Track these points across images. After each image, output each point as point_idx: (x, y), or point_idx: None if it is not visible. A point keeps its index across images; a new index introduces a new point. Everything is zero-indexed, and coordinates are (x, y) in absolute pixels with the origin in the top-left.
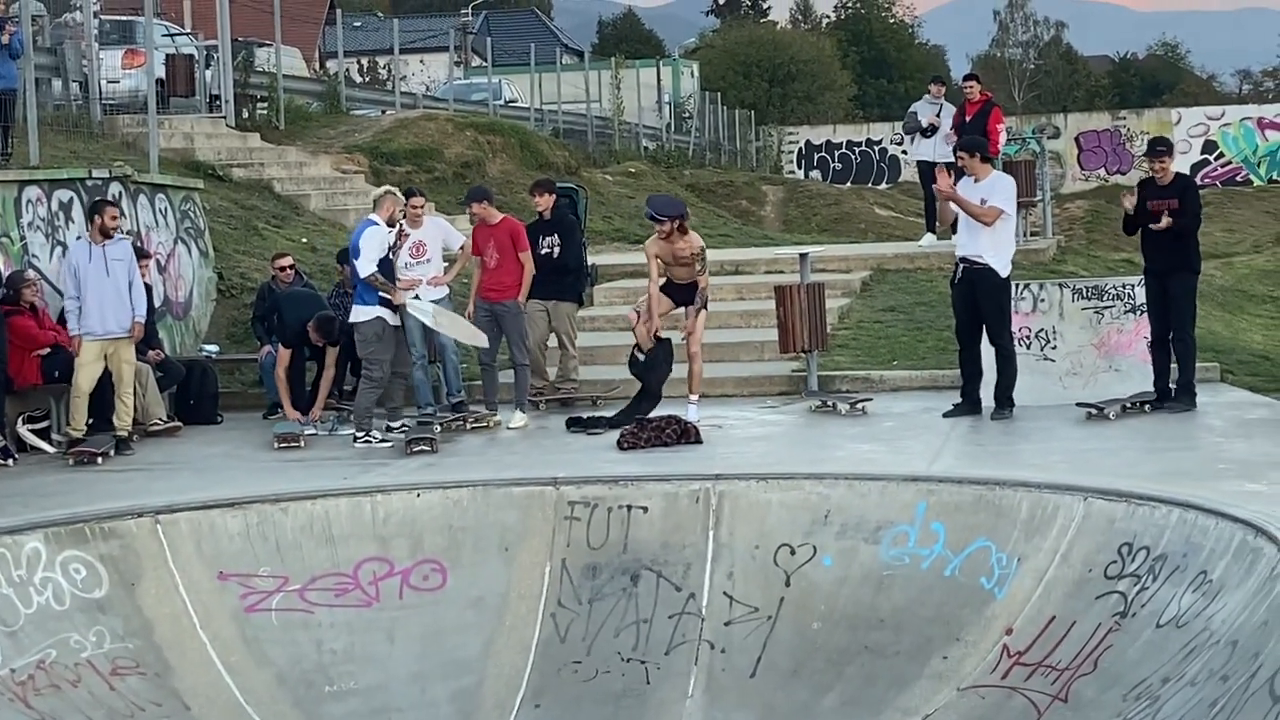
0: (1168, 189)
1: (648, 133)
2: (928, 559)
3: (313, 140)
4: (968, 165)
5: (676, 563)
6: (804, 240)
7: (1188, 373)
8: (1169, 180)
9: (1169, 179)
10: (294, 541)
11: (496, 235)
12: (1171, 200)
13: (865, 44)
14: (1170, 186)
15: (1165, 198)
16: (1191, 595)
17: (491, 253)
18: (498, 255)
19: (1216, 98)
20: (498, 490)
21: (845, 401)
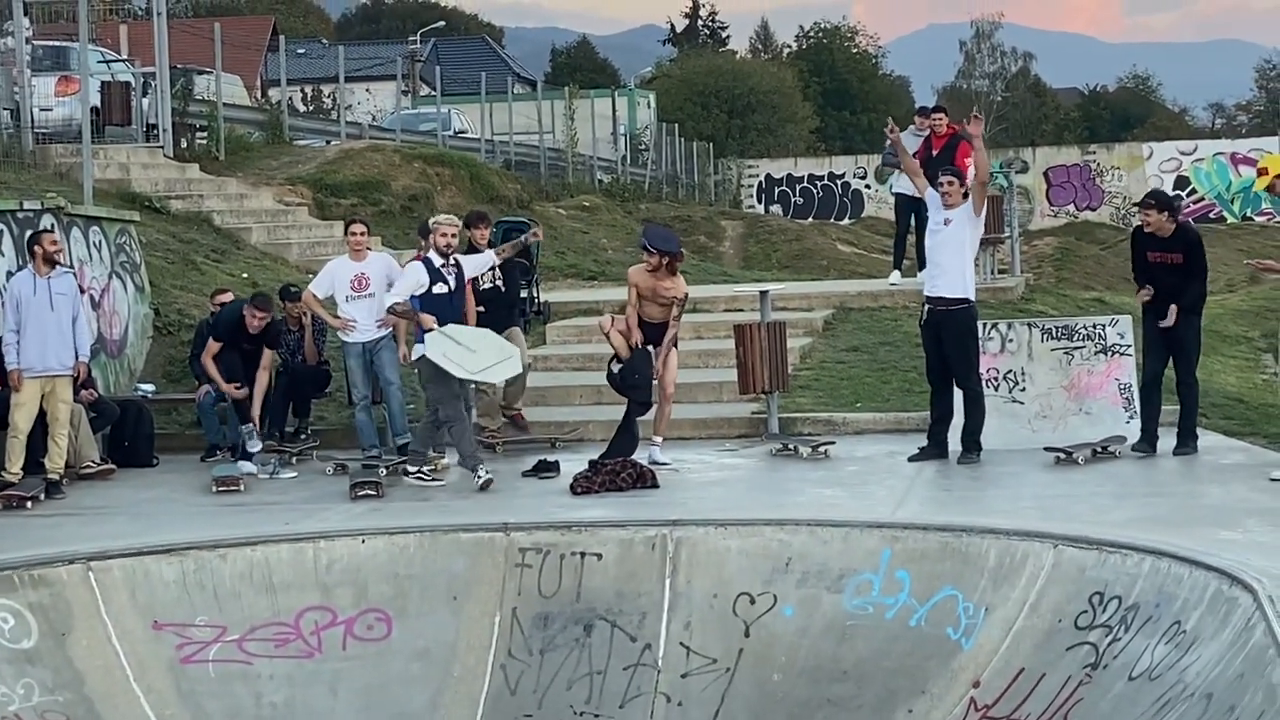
0: (1169, 241)
1: (602, 165)
2: (892, 608)
3: (254, 171)
4: (952, 191)
5: (632, 612)
6: (764, 277)
7: (1191, 418)
8: (1169, 233)
9: (1168, 232)
10: (232, 590)
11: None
12: (1175, 255)
13: (827, 75)
14: (1173, 239)
15: (1167, 250)
16: (1165, 647)
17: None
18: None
19: (1189, 132)
20: (445, 536)
21: (807, 444)
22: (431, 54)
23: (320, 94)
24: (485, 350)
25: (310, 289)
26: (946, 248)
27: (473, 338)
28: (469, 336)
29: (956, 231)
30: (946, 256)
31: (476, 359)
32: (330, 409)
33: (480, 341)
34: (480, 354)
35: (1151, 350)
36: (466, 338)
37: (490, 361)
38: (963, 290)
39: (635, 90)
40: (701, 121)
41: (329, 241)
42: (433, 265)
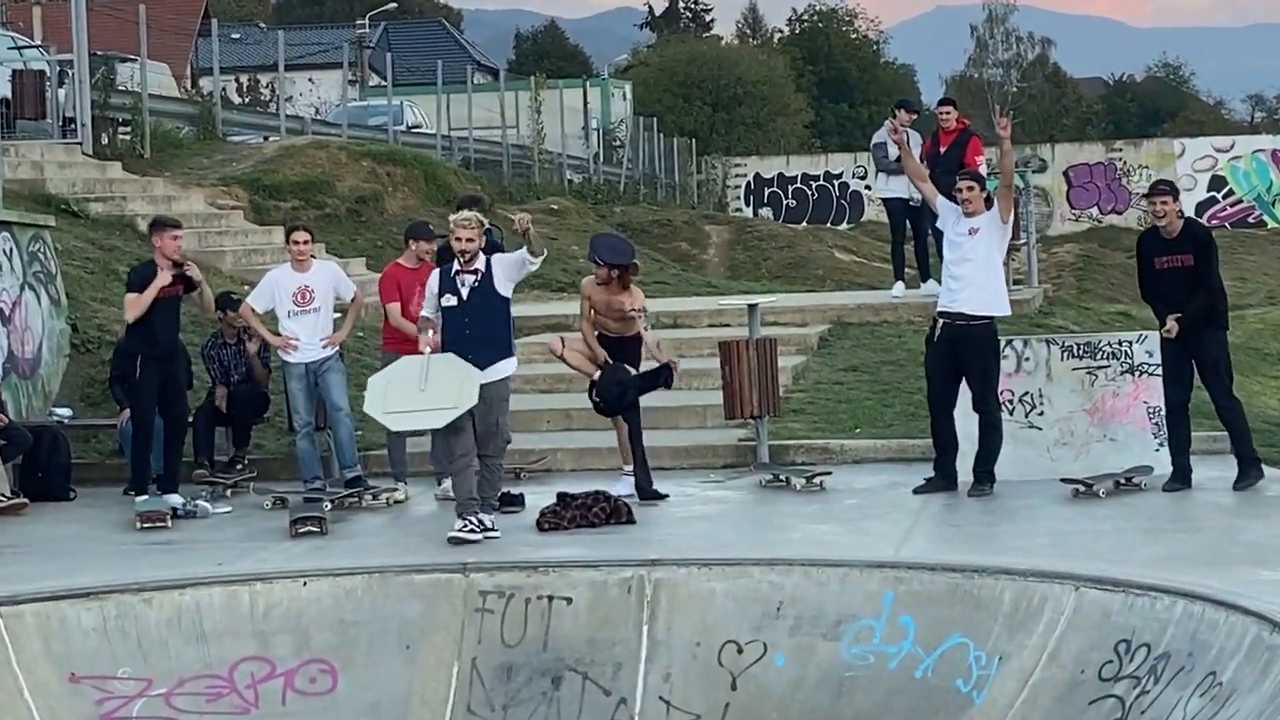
0: (1177, 242)
1: (572, 164)
2: (895, 658)
3: (183, 171)
4: (973, 199)
5: (605, 662)
6: (753, 289)
7: (1243, 443)
8: (1177, 231)
9: (1176, 229)
10: (159, 638)
11: (424, 279)
12: (1185, 256)
13: (823, 63)
14: (1181, 239)
15: (1175, 252)
16: (1199, 700)
17: (419, 298)
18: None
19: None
20: (397, 578)
21: (800, 475)
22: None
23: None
24: (437, 389)
25: (249, 302)
26: (972, 261)
27: (436, 371)
28: (434, 369)
29: (983, 242)
30: (972, 270)
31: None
32: (268, 436)
33: (440, 376)
34: (426, 395)
35: (1172, 377)
36: (431, 371)
37: (420, 407)
38: (996, 307)
39: (609, 80)
40: (683, 115)
41: (267, 249)
42: (447, 273)
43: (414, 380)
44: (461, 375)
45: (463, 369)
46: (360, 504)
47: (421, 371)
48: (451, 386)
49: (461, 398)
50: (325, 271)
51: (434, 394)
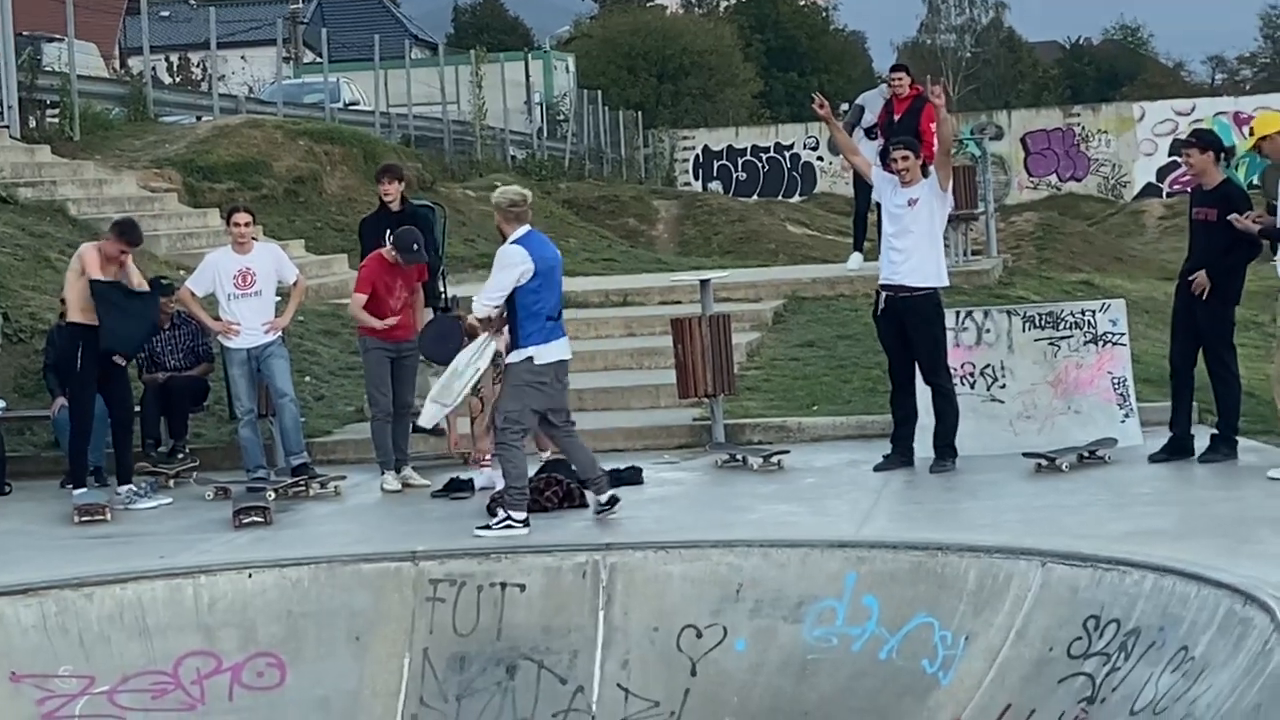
0: (1210, 195)
1: (516, 139)
2: (859, 639)
3: (114, 153)
4: (910, 168)
5: (561, 650)
6: (704, 264)
7: (1227, 416)
8: (1214, 183)
9: (1213, 181)
10: (101, 634)
11: (405, 274)
12: (1210, 210)
13: (771, 31)
14: (1214, 192)
15: (1205, 204)
16: (1171, 675)
17: (400, 292)
18: (406, 294)
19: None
20: (345, 568)
21: (757, 455)
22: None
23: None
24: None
25: (187, 285)
26: (913, 232)
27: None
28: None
29: (924, 213)
30: (913, 241)
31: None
32: (209, 425)
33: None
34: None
35: (1175, 334)
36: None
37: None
38: (935, 279)
39: (551, 53)
40: (628, 87)
41: (202, 232)
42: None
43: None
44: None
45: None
46: (307, 493)
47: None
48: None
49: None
50: (267, 254)
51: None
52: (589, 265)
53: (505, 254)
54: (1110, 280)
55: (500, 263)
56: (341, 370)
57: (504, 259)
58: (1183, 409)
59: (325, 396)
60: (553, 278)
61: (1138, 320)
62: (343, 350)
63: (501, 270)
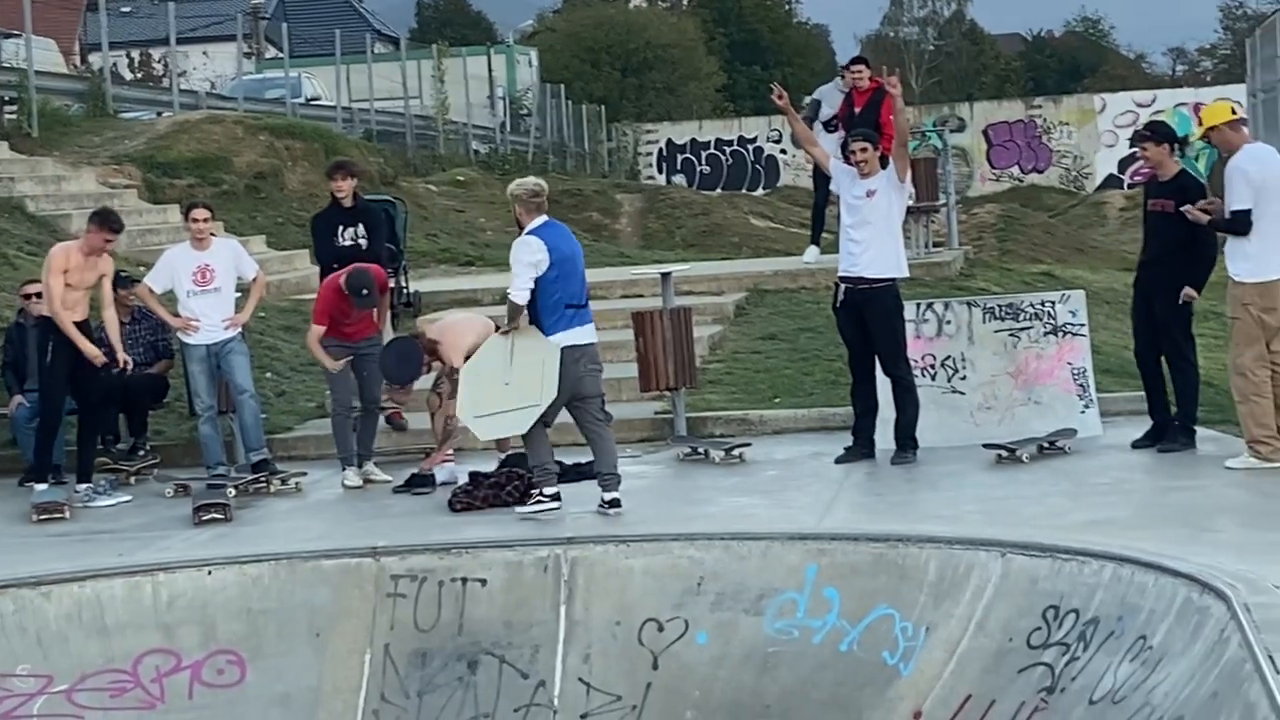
0: (1167, 186)
1: (479, 134)
2: (820, 632)
3: (74, 149)
4: (868, 160)
5: (522, 645)
6: (666, 257)
7: (1186, 407)
8: (1171, 174)
9: (1170, 172)
10: (58, 633)
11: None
12: (1167, 201)
13: (734, 24)
14: (1170, 183)
15: (1161, 195)
16: (1130, 665)
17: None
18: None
19: (1146, 81)
20: (305, 564)
21: (719, 448)
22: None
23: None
24: (520, 379)
25: (146, 282)
26: (872, 224)
27: (520, 354)
28: (519, 351)
29: (882, 204)
30: (872, 233)
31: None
32: (168, 422)
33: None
34: (510, 390)
35: (1137, 326)
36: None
37: (505, 406)
38: (894, 269)
39: (514, 47)
40: (591, 81)
41: (162, 228)
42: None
43: (500, 369)
44: (543, 357)
45: (542, 346)
46: (267, 489)
47: (508, 356)
48: (533, 374)
49: (544, 390)
50: (226, 250)
51: (516, 387)
52: None
53: (522, 245)
54: (1071, 271)
55: (517, 254)
56: (302, 366)
57: (520, 250)
58: (1158, 395)
59: (286, 392)
60: (570, 267)
61: (1098, 311)
62: (304, 346)
63: (519, 262)
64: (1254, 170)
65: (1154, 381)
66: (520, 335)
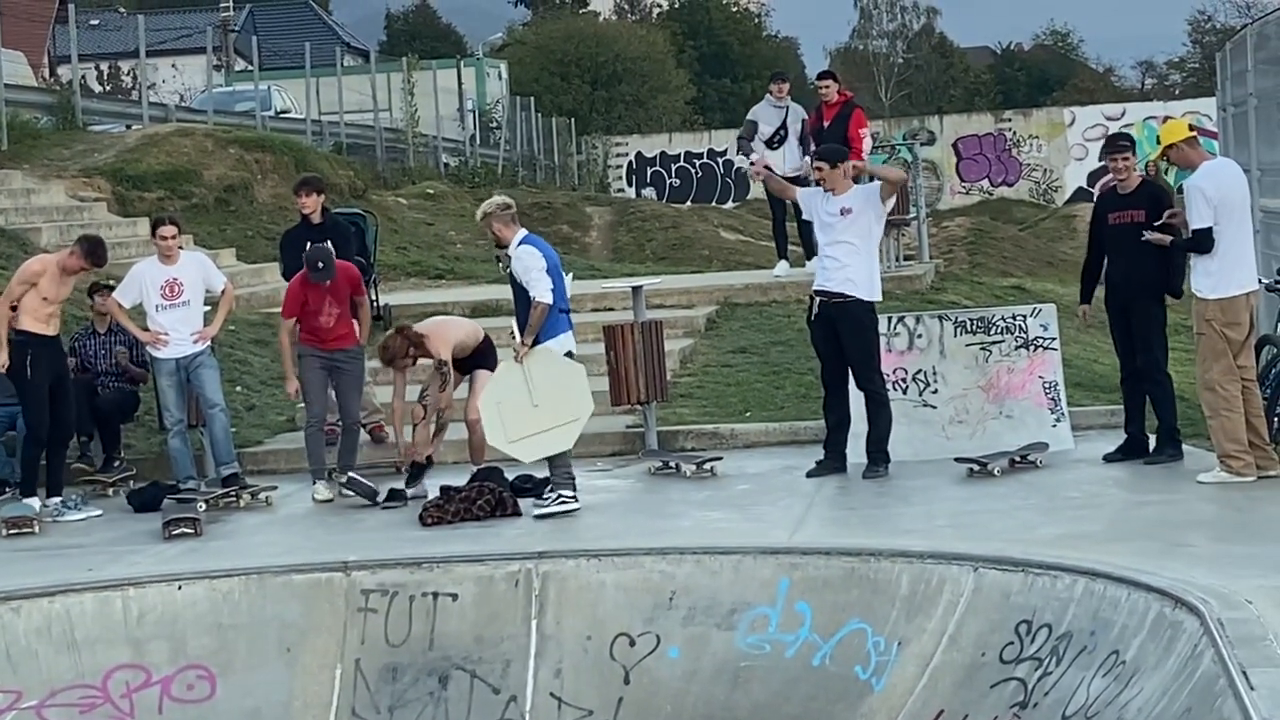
0: (1132, 197)
1: (448, 146)
2: (792, 646)
3: (43, 162)
4: (827, 178)
5: (493, 660)
6: (637, 270)
7: (1166, 417)
8: (1133, 186)
9: (1132, 185)
10: (28, 648)
11: (334, 290)
12: (1137, 211)
13: (704, 37)
14: (1136, 194)
15: (1128, 207)
16: (1102, 680)
17: (329, 309)
18: (337, 310)
19: (1116, 94)
20: (275, 579)
21: (690, 461)
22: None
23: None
24: (547, 398)
25: (115, 297)
26: (850, 243)
27: (538, 375)
28: (534, 372)
29: (861, 223)
30: (847, 252)
31: (531, 419)
32: (138, 435)
33: (544, 380)
34: (541, 410)
35: (1117, 343)
36: (533, 376)
37: (542, 427)
38: (866, 292)
39: (484, 60)
40: (561, 94)
41: (132, 241)
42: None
43: (522, 394)
44: (565, 372)
45: (560, 364)
46: (238, 503)
47: (525, 380)
48: (560, 391)
49: (580, 404)
50: (193, 264)
51: (547, 407)
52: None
53: (527, 255)
54: (1042, 284)
55: (528, 263)
56: (273, 380)
57: (528, 259)
58: (1135, 409)
59: (256, 406)
60: (558, 274)
61: (1069, 325)
62: (274, 359)
63: (532, 269)
64: (1210, 188)
65: (1133, 393)
66: (531, 359)
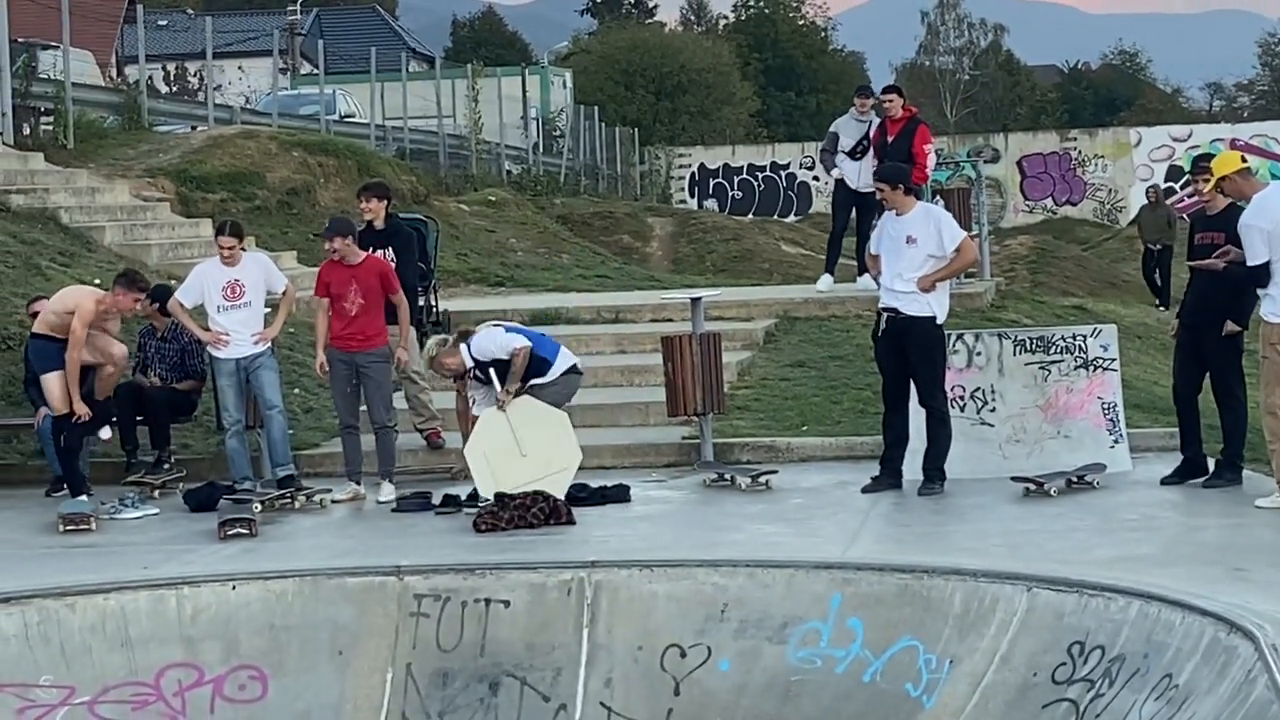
0: (1215, 220)
1: (511, 154)
2: (843, 661)
3: (108, 162)
4: (889, 198)
5: (544, 667)
6: (697, 282)
7: (1233, 444)
8: (1220, 208)
9: (1219, 206)
10: (82, 644)
11: (360, 277)
12: (1217, 234)
13: (770, 50)
14: (1220, 216)
15: (1210, 229)
16: (1155, 703)
17: (355, 298)
18: (362, 301)
19: (1183, 115)
20: (329, 581)
21: (746, 474)
22: (314, 26)
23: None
24: (534, 447)
25: (177, 297)
26: (913, 268)
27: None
28: (517, 421)
29: (922, 257)
30: (914, 273)
31: (520, 469)
32: (195, 436)
33: (528, 428)
34: (531, 460)
35: (1178, 362)
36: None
37: (532, 477)
38: (935, 311)
39: (549, 68)
40: (625, 104)
41: (194, 242)
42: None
43: (508, 444)
44: (551, 422)
45: (545, 414)
46: (293, 505)
47: (509, 429)
48: (548, 441)
49: (568, 454)
50: (255, 265)
51: (536, 456)
52: (581, 281)
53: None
54: (1103, 305)
55: (487, 344)
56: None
57: (484, 340)
58: (1192, 432)
59: (314, 409)
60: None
61: (1129, 346)
62: None
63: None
64: (1264, 223)
65: (1189, 419)
66: (514, 409)
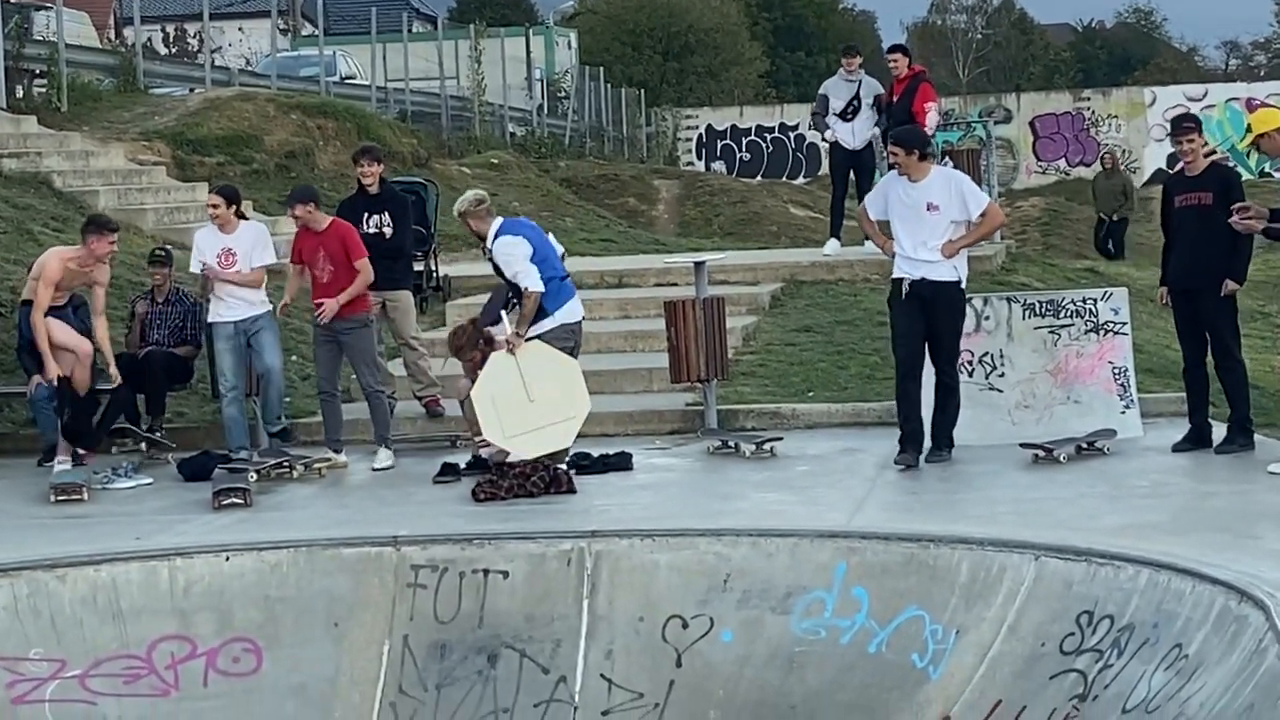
0: (1200, 179)
1: (515, 116)
2: (848, 632)
3: (103, 125)
4: (903, 164)
5: (543, 639)
6: (703, 245)
7: (1239, 406)
8: (1201, 169)
9: (1200, 167)
10: (73, 617)
11: (326, 243)
12: (1205, 194)
13: (778, 9)
14: (1204, 176)
15: (1195, 189)
16: (1164, 673)
17: (323, 264)
18: (332, 268)
19: (1198, 74)
20: (324, 552)
21: (750, 441)
22: None
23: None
24: (543, 394)
25: (193, 269)
26: (937, 234)
27: (531, 370)
28: (527, 367)
29: (945, 223)
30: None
31: (528, 414)
32: (191, 404)
33: (539, 375)
34: (538, 406)
35: (1182, 333)
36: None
37: (539, 423)
38: (961, 275)
39: (554, 28)
40: (631, 64)
41: (190, 206)
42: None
43: (517, 388)
44: (560, 369)
45: (556, 361)
46: (290, 474)
47: (518, 374)
48: (556, 388)
49: (577, 402)
50: (249, 232)
51: (544, 403)
52: (585, 245)
53: (507, 245)
54: (1115, 268)
55: (510, 254)
56: None
57: (509, 250)
58: (1199, 397)
59: (310, 376)
60: (545, 245)
61: (1141, 309)
62: None
63: (516, 260)
64: None
65: (1199, 381)
66: (524, 354)
